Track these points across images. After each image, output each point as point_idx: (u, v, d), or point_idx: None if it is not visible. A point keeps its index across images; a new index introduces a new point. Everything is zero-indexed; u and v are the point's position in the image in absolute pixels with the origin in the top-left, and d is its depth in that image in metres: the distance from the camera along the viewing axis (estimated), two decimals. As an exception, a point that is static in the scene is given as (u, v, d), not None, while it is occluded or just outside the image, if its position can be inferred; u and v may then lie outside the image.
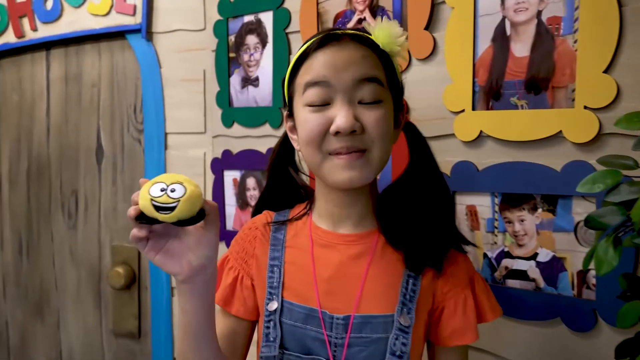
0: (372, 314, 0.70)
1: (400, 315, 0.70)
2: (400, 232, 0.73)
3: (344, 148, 0.67)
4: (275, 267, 0.76)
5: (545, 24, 0.84)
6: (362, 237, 0.74)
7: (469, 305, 0.74)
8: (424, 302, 0.73)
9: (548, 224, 0.86)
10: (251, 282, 0.79)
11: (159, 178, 0.61)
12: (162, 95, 1.41)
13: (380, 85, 0.68)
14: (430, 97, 0.97)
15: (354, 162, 0.67)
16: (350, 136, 0.66)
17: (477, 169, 0.92)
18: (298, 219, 0.80)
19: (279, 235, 0.79)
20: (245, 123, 1.27)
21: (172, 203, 0.58)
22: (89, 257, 1.62)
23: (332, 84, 0.67)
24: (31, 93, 1.68)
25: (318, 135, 0.68)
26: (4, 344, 1.82)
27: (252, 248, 0.80)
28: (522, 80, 0.87)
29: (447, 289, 0.74)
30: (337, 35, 0.69)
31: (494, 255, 0.92)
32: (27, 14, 1.57)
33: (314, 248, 0.75)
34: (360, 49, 0.68)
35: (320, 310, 0.72)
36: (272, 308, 0.74)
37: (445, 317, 0.74)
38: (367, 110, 0.67)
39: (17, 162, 1.73)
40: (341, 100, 0.67)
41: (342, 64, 0.67)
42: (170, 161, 1.41)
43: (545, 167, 0.85)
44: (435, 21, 0.96)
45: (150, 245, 0.63)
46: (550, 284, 0.87)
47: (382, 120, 0.68)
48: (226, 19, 1.28)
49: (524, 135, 0.87)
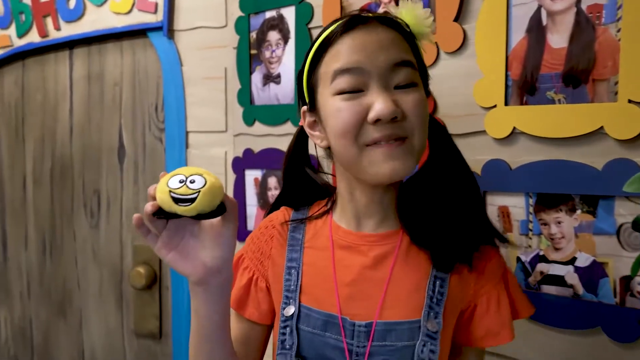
0: (396, 320, 0.66)
1: (427, 321, 0.65)
2: (425, 229, 0.68)
3: (385, 137, 0.61)
4: (293, 270, 0.72)
5: (585, 12, 0.79)
6: (385, 237, 0.70)
7: (503, 303, 0.69)
8: (453, 304, 0.68)
9: (588, 227, 0.81)
10: (266, 284, 0.75)
11: (178, 171, 0.58)
12: (183, 94, 1.39)
13: (414, 68, 0.64)
14: (459, 92, 0.92)
15: (396, 151, 0.62)
16: (390, 124, 0.61)
17: (510, 167, 0.87)
18: (318, 218, 0.75)
19: (297, 235, 0.74)
20: (266, 121, 1.24)
21: (192, 194, 0.55)
22: (111, 256, 1.61)
23: (366, 70, 0.62)
24: (55, 93, 1.68)
25: (354, 125, 0.62)
26: (28, 342, 1.84)
27: (268, 248, 0.75)
28: (559, 73, 0.81)
29: (479, 286, 0.69)
30: (363, 18, 0.64)
31: (528, 259, 0.87)
32: (50, 14, 1.57)
33: (335, 249, 0.71)
34: (389, 32, 0.64)
35: (341, 316, 0.67)
36: (288, 313, 0.69)
37: (478, 317, 0.69)
38: (405, 94, 0.63)
39: (41, 162, 1.74)
40: (377, 86, 0.62)
41: (374, 48, 0.62)
42: (191, 160, 1.39)
43: (584, 166, 0.80)
44: (465, 12, 0.91)
45: (162, 242, 0.59)
46: (590, 291, 0.81)
47: (421, 104, 0.64)
48: (248, 15, 1.26)
49: (561, 131, 0.82)
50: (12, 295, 1.85)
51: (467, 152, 0.75)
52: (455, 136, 0.93)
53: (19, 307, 1.84)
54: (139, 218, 0.59)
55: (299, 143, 0.77)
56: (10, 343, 1.88)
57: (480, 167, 0.90)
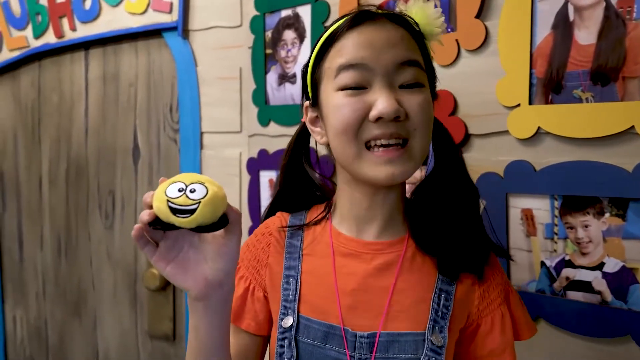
0: (400, 331, 0.63)
1: (432, 334, 0.63)
2: (433, 235, 0.65)
3: (386, 135, 0.59)
4: (291, 278, 0.68)
5: (614, 7, 0.75)
6: (389, 245, 0.67)
7: (507, 324, 0.66)
8: (457, 319, 0.65)
9: (617, 231, 0.77)
10: (264, 293, 0.71)
11: (178, 177, 0.53)
12: (197, 94, 1.38)
13: (421, 69, 0.62)
14: (481, 90, 0.89)
15: (395, 157, 0.60)
16: (392, 123, 0.59)
17: (535, 168, 0.84)
18: (316, 224, 0.72)
19: (295, 242, 0.71)
20: (281, 121, 1.22)
21: (191, 205, 0.50)
22: (125, 257, 1.61)
23: (371, 67, 0.60)
24: (70, 94, 1.69)
25: (355, 121, 0.60)
26: (43, 342, 1.84)
27: (265, 256, 0.72)
28: (587, 70, 0.78)
29: (484, 305, 0.66)
30: (372, 13, 0.62)
31: (553, 264, 0.84)
32: (66, 14, 1.58)
33: (336, 257, 0.68)
34: (398, 30, 0.62)
35: (343, 327, 0.64)
36: (286, 324, 0.66)
37: (482, 336, 0.66)
38: (409, 94, 0.60)
39: (57, 163, 1.74)
40: (381, 84, 0.60)
41: (381, 45, 0.60)
42: (206, 161, 1.38)
43: (613, 167, 0.76)
44: (487, 8, 0.89)
45: (160, 254, 0.55)
46: (618, 298, 0.78)
47: (426, 106, 0.61)
48: (263, 14, 1.24)
49: (589, 131, 0.78)
50: (28, 296, 1.86)
51: (490, 152, 0.73)
52: (477, 136, 0.91)
53: (34, 307, 1.85)
54: (139, 229, 0.54)
55: (300, 140, 0.74)
56: (26, 343, 1.89)
57: (503, 168, 0.87)
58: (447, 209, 0.66)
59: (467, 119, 0.91)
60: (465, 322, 0.67)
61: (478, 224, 0.68)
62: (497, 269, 0.69)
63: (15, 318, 1.91)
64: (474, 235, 0.66)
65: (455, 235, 0.65)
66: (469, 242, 0.65)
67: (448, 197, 0.66)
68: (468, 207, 0.67)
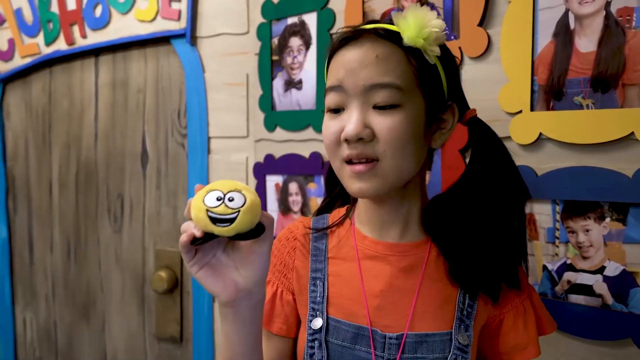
0: (427, 332, 0.65)
1: (459, 333, 0.64)
2: (455, 245, 0.66)
3: (352, 155, 0.62)
4: (318, 280, 0.70)
5: (614, 15, 0.77)
6: (413, 248, 0.68)
7: (530, 318, 0.68)
8: (480, 316, 0.67)
9: (617, 235, 0.78)
10: (292, 296, 0.73)
11: (214, 185, 0.53)
12: (205, 100, 1.40)
13: (398, 89, 0.60)
14: (484, 97, 0.91)
15: (362, 173, 0.62)
16: (359, 143, 0.61)
17: (536, 174, 0.86)
18: (339, 225, 0.74)
19: (320, 245, 0.72)
20: (288, 127, 1.24)
21: (231, 214, 0.51)
22: (133, 260, 1.63)
23: (346, 88, 0.62)
24: (80, 99, 1.72)
25: (334, 142, 0.63)
26: (52, 344, 1.86)
27: (291, 260, 0.74)
28: (587, 77, 0.80)
29: (507, 301, 0.68)
30: (357, 31, 0.63)
31: (554, 267, 0.85)
32: (77, 22, 1.61)
33: (361, 259, 0.69)
34: (377, 47, 0.61)
35: (371, 328, 0.65)
36: (316, 326, 0.67)
37: (505, 331, 0.68)
38: (380, 116, 0.61)
39: (67, 167, 1.77)
40: (354, 105, 0.62)
41: (355, 66, 0.61)
42: (213, 166, 1.40)
43: (614, 172, 0.78)
44: (490, 17, 0.90)
45: (196, 258, 0.56)
46: (619, 301, 0.79)
47: (397, 128, 0.60)
48: (269, 21, 1.26)
49: (589, 137, 0.80)
50: (38, 298, 1.89)
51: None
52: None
53: (44, 309, 1.88)
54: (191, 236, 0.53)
55: None
56: (36, 345, 1.92)
57: (505, 173, 0.88)
58: (486, 217, 0.64)
59: (470, 125, 0.92)
60: (487, 318, 0.68)
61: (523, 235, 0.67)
62: (520, 268, 0.71)
63: (25, 320, 1.94)
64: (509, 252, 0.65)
65: (485, 252, 0.64)
66: (499, 261, 0.65)
67: (489, 203, 0.65)
68: (513, 213, 0.66)
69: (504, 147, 0.68)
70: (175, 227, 1.52)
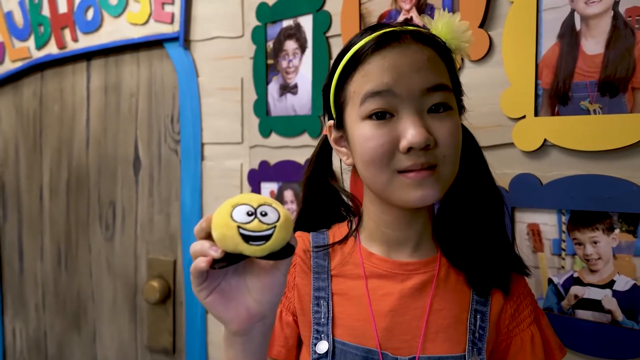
0: (440, 354, 0.61)
1: (471, 356, 0.61)
2: (463, 249, 0.64)
3: (417, 165, 0.57)
4: (322, 300, 0.65)
5: (623, 16, 0.73)
6: (423, 265, 0.65)
7: (537, 344, 0.65)
8: (491, 339, 0.64)
9: (628, 247, 0.74)
10: (293, 317, 0.68)
11: (239, 199, 0.46)
12: (199, 105, 1.36)
13: (450, 91, 0.60)
14: (485, 102, 0.87)
15: (425, 179, 0.58)
16: (423, 151, 0.57)
17: (541, 182, 0.82)
18: (343, 242, 0.69)
19: (322, 262, 0.68)
20: (283, 132, 1.20)
21: (266, 230, 0.44)
22: (125, 269, 1.59)
23: (397, 93, 0.58)
24: (72, 104, 1.68)
25: (385, 154, 0.58)
26: (42, 354, 1.82)
27: (291, 278, 0.69)
28: (594, 81, 0.76)
29: (514, 325, 0.65)
30: (397, 34, 0.59)
31: (560, 281, 0.81)
32: (68, 25, 1.57)
33: (368, 278, 0.65)
34: (424, 51, 0.59)
35: (381, 351, 0.61)
36: (321, 350, 0.62)
37: (512, 355, 0.65)
38: (438, 120, 0.59)
39: (58, 173, 1.73)
40: (409, 111, 0.58)
41: (406, 70, 0.58)
42: (207, 172, 1.36)
43: (623, 181, 0.74)
44: (491, 18, 0.87)
45: (206, 282, 0.49)
46: (630, 318, 0.75)
47: (455, 131, 0.60)
48: (264, 24, 1.23)
49: (597, 144, 0.76)
50: (28, 307, 1.85)
51: (494, 165, 0.70)
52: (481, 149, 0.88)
53: (34, 318, 1.83)
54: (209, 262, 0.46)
55: (322, 153, 0.72)
56: (25, 355, 1.87)
57: (508, 181, 0.85)
58: (473, 217, 0.65)
59: (471, 131, 0.88)
60: (495, 341, 0.65)
61: (502, 231, 0.67)
62: (527, 289, 0.68)
63: (15, 330, 1.90)
64: (499, 244, 0.65)
65: (483, 243, 0.64)
66: (496, 252, 0.65)
67: (474, 204, 0.66)
68: (493, 214, 0.66)
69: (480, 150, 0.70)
70: (168, 235, 1.48)
